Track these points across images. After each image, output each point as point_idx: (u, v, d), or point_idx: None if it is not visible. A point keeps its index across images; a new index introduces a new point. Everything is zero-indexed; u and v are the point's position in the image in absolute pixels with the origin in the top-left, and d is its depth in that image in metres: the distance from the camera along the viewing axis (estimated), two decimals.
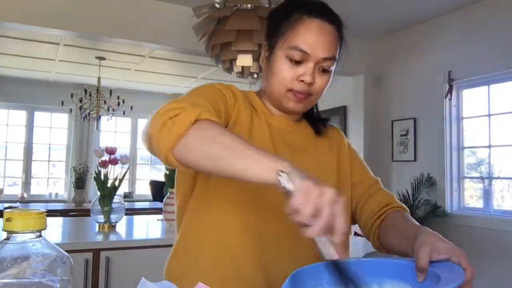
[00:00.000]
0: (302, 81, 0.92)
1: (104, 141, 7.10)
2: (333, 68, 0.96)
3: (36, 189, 6.73)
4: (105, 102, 5.67)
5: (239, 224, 0.91)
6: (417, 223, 0.92)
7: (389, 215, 0.99)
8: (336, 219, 0.62)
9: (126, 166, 2.58)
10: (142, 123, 7.52)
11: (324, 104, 5.39)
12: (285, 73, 0.93)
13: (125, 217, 2.80)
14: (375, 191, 1.06)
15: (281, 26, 0.95)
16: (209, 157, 0.73)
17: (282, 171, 0.65)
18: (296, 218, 0.62)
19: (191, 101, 0.81)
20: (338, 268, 0.63)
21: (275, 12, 1.01)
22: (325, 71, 0.94)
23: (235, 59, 2.51)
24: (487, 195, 3.67)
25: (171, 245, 1.01)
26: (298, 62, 0.92)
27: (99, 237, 2.25)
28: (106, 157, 2.52)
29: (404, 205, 1.04)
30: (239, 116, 0.95)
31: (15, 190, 6.60)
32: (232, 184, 0.88)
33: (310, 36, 0.91)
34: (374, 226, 1.00)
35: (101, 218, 2.47)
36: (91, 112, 5.70)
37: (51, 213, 4.16)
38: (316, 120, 1.09)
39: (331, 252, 0.62)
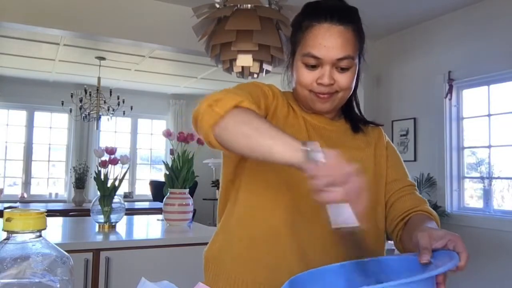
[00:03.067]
0: (320, 83, 0.95)
1: (104, 141, 7.10)
2: (354, 64, 0.97)
3: (36, 189, 6.73)
4: (105, 102, 5.67)
5: (271, 203, 0.96)
6: (435, 226, 0.91)
7: (412, 218, 0.98)
8: (358, 189, 0.68)
9: (126, 166, 2.58)
10: (142, 123, 7.52)
11: None
12: (304, 78, 0.97)
13: (125, 217, 2.80)
14: (406, 193, 1.05)
15: (296, 35, 1.00)
16: (241, 138, 0.79)
17: (306, 148, 0.71)
18: (313, 183, 0.67)
19: (236, 92, 0.88)
20: (363, 267, 0.65)
21: (294, 20, 1.06)
22: (345, 69, 0.96)
23: (235, 59, 2.51)
24: (487, 195, 3.67)
25: (171, 245, 1.02)
26: (314, 66, 0.96)
27: (99, 237, 2.25)
28: (106, 157, 2.52)
29: (433, 211, 1.02)
30: (277, 111, 1.01)
31: (15, 190, 6.60)
32: (265, 169, 0.95)
33: (319, 42, 0.94)
34: (398, 228, 1.00)
35: (101, 218, 2.47)
36: (91, 112, 5.69)
37: (51, 213, 4.16)
38: (356, 120, 1.10)
39: (342, 219, 0.66)
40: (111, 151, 2.53)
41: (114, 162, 2.52)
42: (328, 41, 0.94)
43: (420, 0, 3.66)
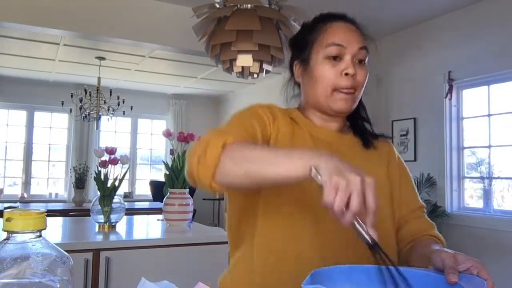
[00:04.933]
0: (347, 74, 0.95)
1: (104, 141, 7.10)
2: (367, 59, 1.00)
3: (36, 189, 6.73)
4: (105, 102, 5.67)
5: (295, 235, 0.92)
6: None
7: (420, 239, 0.99)
8: (366, 201, 0.66)
9: (126, 166, 2.58)
10: (142, 123, 7.52)
11: None
12: (328, 72, 0.97)
13: (125, 217, 2.79)
14: (416, 217, 1.05)
15: (309, 38, 1.02)
16: (245, 175, 0.78)
17: (312, 167, 0.69)
18: (330, 212, 0.66)
19: (220, 131, 0.88)
20: (389, 273, 0.65)
21: (297, 35, 1.09)
22: (361, 62, 0.98)
23: (235, 59, 2.51)
24: (487, 195, 3.67)
25: (171, 245, 1.02)
26: (336, 58, 0.96)
27: (99, 237, 2.25)
28: (106, 157, 2.52)
29: (441, 236, 1.02)
30: (280, 132, 0.98)
31: (15, 190, 6.61)
32: (281, 195, 0.92)
33: (340, 32, 0.98)
34: (404, 250, 1.00)
35: (101, 218, 2.47)
36: (91, 112, 5.69)
37: (51, 213, 4.16)
38: (366, 133, 1.09)
39: (363, 234, 0.66)
40: (111, 151, 2.53)
41: (114, 162, 2.52)
42: (348, 32, 0.98)
43: (420, 0, 3.66)
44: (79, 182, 5.51)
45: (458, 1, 3.67)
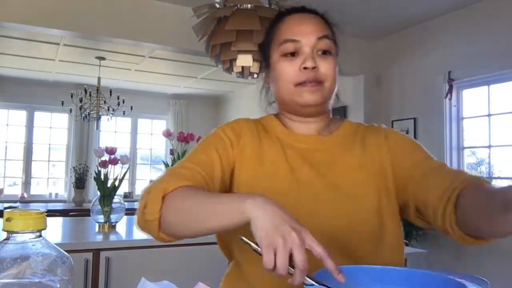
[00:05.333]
0: (305, 68, 0.89)
1: (104, 141, 7.09)
2: (334, 50, 0.93)
3: (36, 189, 6.73)
4: (105, 102, 5.67)
5: None
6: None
7: (465, 192, 0.76)
8: (313, 251, 0.63)
9: (126, 166, 2.58)
10: (142, 123, 7.52)
11: None
12: (287, 70, 0.91)
13: (125, 217, 2.79)
14: (435, 172, 0.87)
15: (267, 39, 0.98)
16: (185, 227, 0.78)
17: (241, 238, 0.66)
18: (275, 275, 0.62)
19: (169, 173, 0.87)
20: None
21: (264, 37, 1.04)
22: (326, 53, 0.91)
23: (235, 59, 2.51)
24: None
25: (171, 245, 1.02)
26: (293, 54, 0.91)
27: (99, 237, 2.25)
28: (106, 157, 2.52)
29: (480, 175, 0.87)
30: (245, 153, 0.94)
31: (15, 190, 6.60)
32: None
33: (294, 26, 0.92)
34: (448, 210, 0.77)
35: (101, 218, 2.47)
36: (91, 112, 5.69)
37: (51, 213, 4.15)
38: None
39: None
40: (111, 151, 2.53)
41: (114, 162, 2.52)
42: (303, 24, 0.92)
43: (420, 0, 3.66)
44: (79, 182, 5.51)
45: (458, 1, 3.67)
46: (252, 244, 0.64)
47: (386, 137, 0.98)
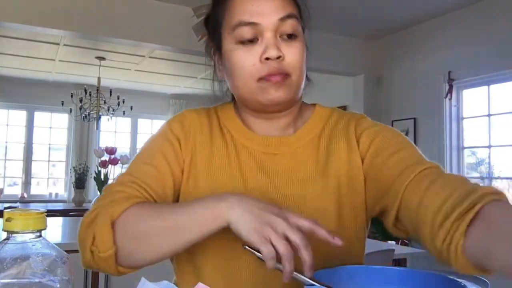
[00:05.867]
0: (267, 59, 0.72)
1: (104, 141, 7.09)
2: (300, 32, 0.76)
3: (36, 189, 6.73)
4: (105, 102, 5.67)
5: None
6: None
7: (483, 212, 0.56)
8: (301, 228, 0.60)
9: (126, 166, 2.57)
10: (142, 123, 7.52)
11: (324, 104, 5.43)
12: (244, 61, 0.73)
13: None
14: (429, 181, 0.67)
15: (215, 17, 0.80)
16: (151, 249, 0.67)
17: (245, 247, 0.61)
18: (282, 267, 0.58)
19: (107, 195, 0.72)
20: None
21: (208, 15, 0.87)
22: (291, 37, 0.74)
23: None
24: None
25: None
26: (252, 41, 0.73)
27: None
28: (106, 157, 2.52)
29: (499, 191, 0.60)
30: (195, 154, 0.81)
31: (15, 190, 6.60)
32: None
33: (251, 4, 0.72)
34: (458, 233, 0.57)
35: None
36: (91, 112, 5.69)
37: (51, 213, 4.15)
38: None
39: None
40: (111, 151, 2.54)
41: (114, 162, 2.52)
42: (261, 3, 0.72)
43: (420, 0, 3.66)
44: (79, 182, 5.50)
45: (458, 1, 3.67)
46: (257, 254, 0.62)
47: (359, 129, 0.83)
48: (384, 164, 0.75)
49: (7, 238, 0.51)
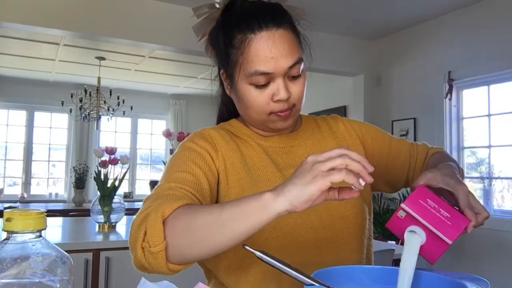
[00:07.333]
0: (279, 100, 0.83)
1: (104, 141, 7.10)
2: (301, 68, 0.86)
3: (36, 189, 6.73)
4: (105, 102, 5.67)
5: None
6: (448, 161, 0.88)
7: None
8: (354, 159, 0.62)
9: (126, 166, 2.58)
10: (142, 123, 7.53)
11: (324, 104, 5.39)
12: (258, 100, 0.84)
13: (125, 217, 2.79)
14: (415, 158, 1.01)
15: (230, 54, 0.86)
16: (202, 243, 0.68)
17: (245, 246, 0.63)
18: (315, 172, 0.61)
19: (155, 198, 0.76)
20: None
21: (216, 35, 0.94)
22: (296, 76, 0.85)
23: None
24: (487, 195, 3.67)
25: None
26: (264, 85, 0.83)
27: (99, 237, 2.25)
28: (106, 157, 2.52)
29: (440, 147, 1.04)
30: (227, 161, 0.89)
31: (15, 190, 6.60)
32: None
33: (265, 55, 0.81)
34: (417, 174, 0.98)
35: (101, 218, 2.47)
36: (91, 112, 5.69)
37: (51, 213, 4.16)
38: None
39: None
40: (111, 151, 2.54)
41: (114, 162, 2.52)
42: (274, 51, 0.81)
43: (420, 0, 3.66)
44: (79, 182, 5.51)
45: (458, 1, 3.67)
46: (257, 253, 0.63)
47: (348, 123, 1.03)
48: (373, 148, 1.01)
49: (7, 238, 0.51)
